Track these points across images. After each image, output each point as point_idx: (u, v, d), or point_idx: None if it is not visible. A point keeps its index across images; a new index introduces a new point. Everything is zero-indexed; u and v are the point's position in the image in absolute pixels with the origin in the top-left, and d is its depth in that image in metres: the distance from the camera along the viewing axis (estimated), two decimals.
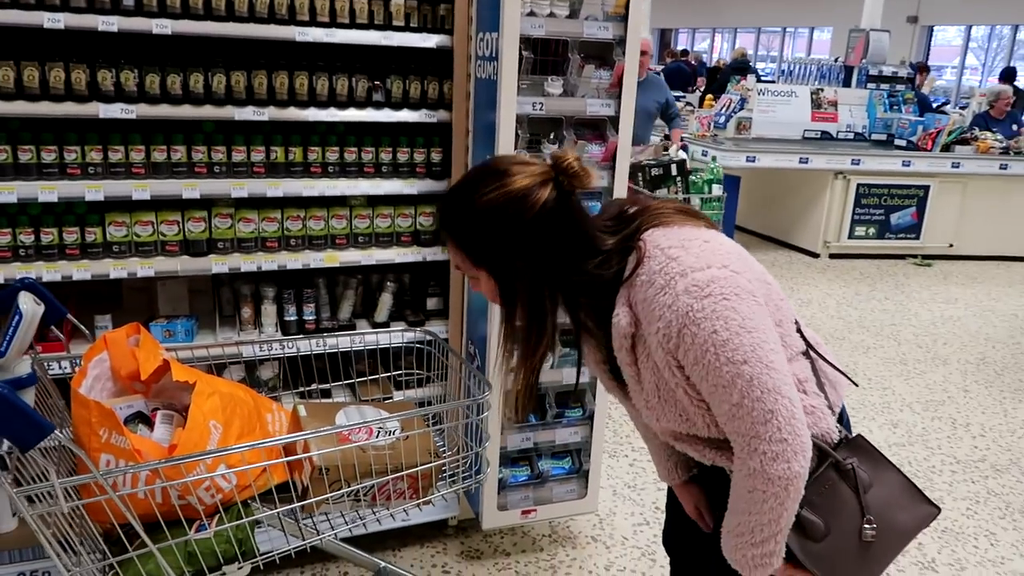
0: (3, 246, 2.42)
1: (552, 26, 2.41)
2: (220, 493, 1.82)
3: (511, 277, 1.36)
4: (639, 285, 1.31)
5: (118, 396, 2.00)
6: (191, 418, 1.80)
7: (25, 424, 1.45)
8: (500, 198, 1.31)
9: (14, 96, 2.32)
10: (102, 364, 1.99)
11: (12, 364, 1.74)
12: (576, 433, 2.85)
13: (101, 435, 1.73)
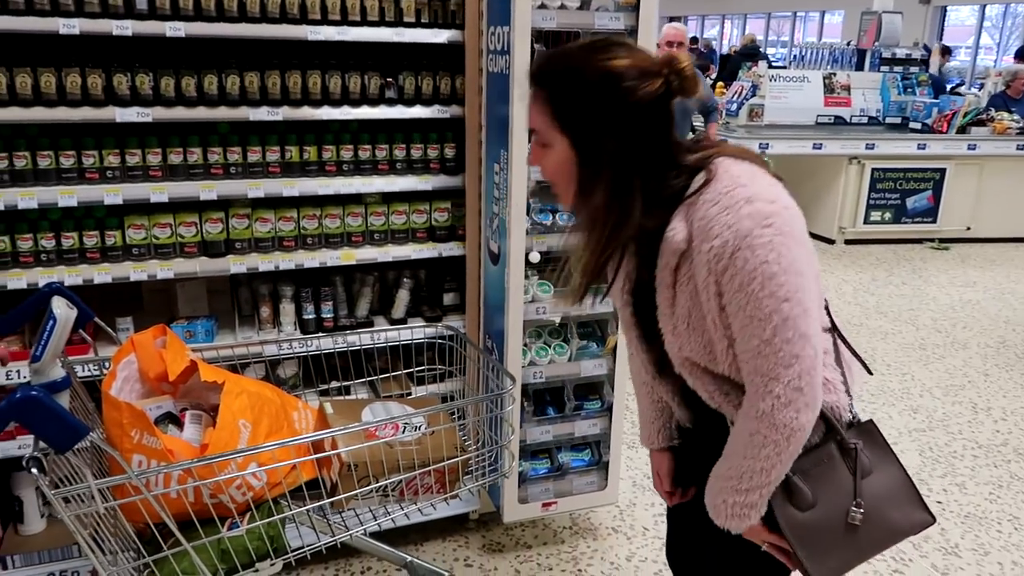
0: (25, 251, 2.45)
1: (563, 18, 2.40)
2: (251, 491, 1.84)
3: (595, 152, 1.32)
4: (702, 203, 1.28)
5: (147, 397, 2.03)
6: (221, 417, 1.82)
7: (61, 427, 1.47)
8: (618, 68, 1.27)
9: (32, 103, 2.35)
10: (130, 366, 2.02)
11: (47, 368, 1.76)
12: (595, 425, 2.85)
13: (133, 436, 1.75)
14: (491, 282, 2.75)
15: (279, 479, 1.91)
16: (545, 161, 1.39)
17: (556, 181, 1.40)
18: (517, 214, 2.48)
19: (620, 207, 1.34)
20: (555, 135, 1.34)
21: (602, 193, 1.34)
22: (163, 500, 1.71)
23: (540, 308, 2.65)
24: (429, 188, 2.79)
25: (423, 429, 2.09)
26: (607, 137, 1.30)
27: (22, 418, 1.46)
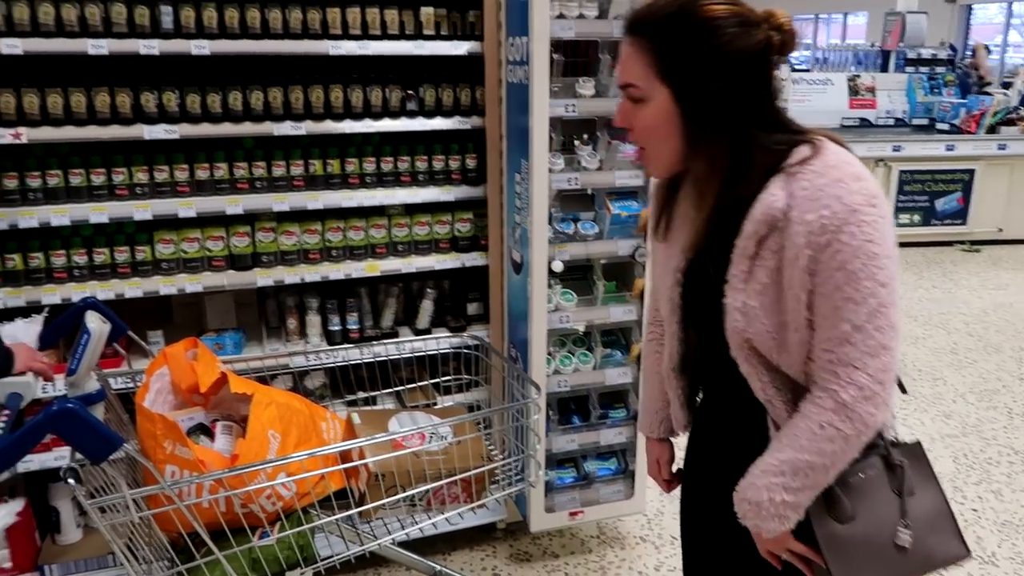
0: (58, 267, 2.51)
1: (582, 27, 2.41)
2: (281, 501, 1.86)
3: (704, 102, 1.24)
4: (808, 173, 1.20)
5: (179, 409, 2.06)
6: (251, 429, 1.85)
7: (97, 438, 1.51)
8: (727, 14, 1.21)
9: (63, 122, 2.40)
10: (163, 378, 2.05)
11: (82, 381, 1.80)
12: (621, 434, 2.84)
13: (166, 447, 1.78)
14: (514, 291, 2.76)
15: (308, 489, 1.93)
16: (638, 118, 1.29)
17: (649, 140, 1.30)
18: (539, 223, 2.49)
19: (738, 161, 1.25)
20: (655, 86, 1.25)
21: (717, 146, 1.26)
22: (195, 510, 1.74)
23: (564, 317, 2.64)
24: (451, 199, 2.80)
25: (449, 439, 2.10)
26: (716, 85, 1.22)
27: (59, 430, 1.49)
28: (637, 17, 1.28)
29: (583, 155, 2.55)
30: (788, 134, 1.28)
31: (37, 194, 2.45)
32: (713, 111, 1.24)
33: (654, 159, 1.34)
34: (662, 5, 1.26)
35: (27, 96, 2.35)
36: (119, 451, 1.53)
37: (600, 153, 2.56)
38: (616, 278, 2.76)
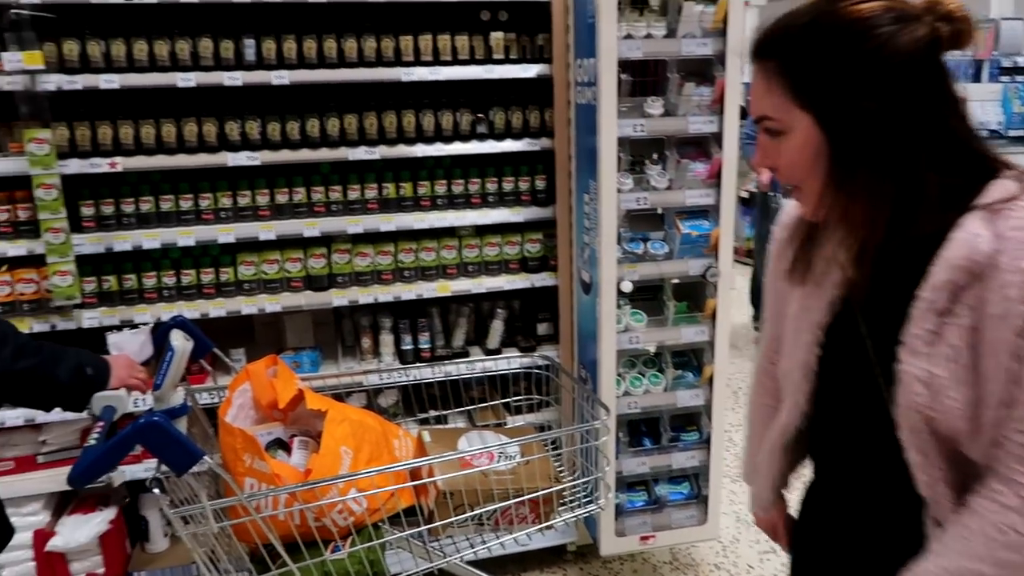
0: (149, 288, 2.65)
1: (649, 47, 2.40)
2: (352, 516, 1.90)
3: (851, 126, 1.01)
4: (1018, 211, 0.97)
5: (259, 423, 2.14)
6: (324, 444, 1.90)
7: (180, 450, 1.57)
8: (867, 12, 0.99)
9: (155, 151, 2.55)
10: (245, 394, 2.14)
11: (167, 396, 1.89)
12: (693, 457, 2.78)
13: (245, 460, 1.85)
14: (584, 312, 2.75)
15: (379, 505, 1.96)
16: (780, 154, 1.08)
17: (799, 178, 1.09)
18: (607, 243, 2.48)
19: (907, 195, 1.02)
20: (794, 115, 1.04)
21: (878, 178, 1.02)
22: (271, 522, 1.80)
23: (633, 337, 2.62)
24: (521, 220, 2.83)
25: (517, 459, 2.10)
26: (865, 103, 1.00)
27: (145, 442, 1.56)
28: (763, 37, 1.07)
29: (652, 175, 2.54)
30: (976, 158, 1.04)
31: (131, 219, 2.60)
32: (868, 134, 1.01)
33: (808, 198, 1.10)
34: (793, 16, 1.06)
35: (123, 127, 2.51)
36: (200, 464, 1.60)
37: (670, 172, 2.54)
38: (687, 298, 2.72)
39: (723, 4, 2.39)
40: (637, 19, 2.43)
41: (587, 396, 2.30)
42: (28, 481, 2.63)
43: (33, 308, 2.53)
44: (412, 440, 2.25)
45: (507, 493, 2.03)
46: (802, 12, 1.05)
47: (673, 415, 2.77)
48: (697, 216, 2.58)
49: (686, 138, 2.55)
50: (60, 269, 2.46)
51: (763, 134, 1.10)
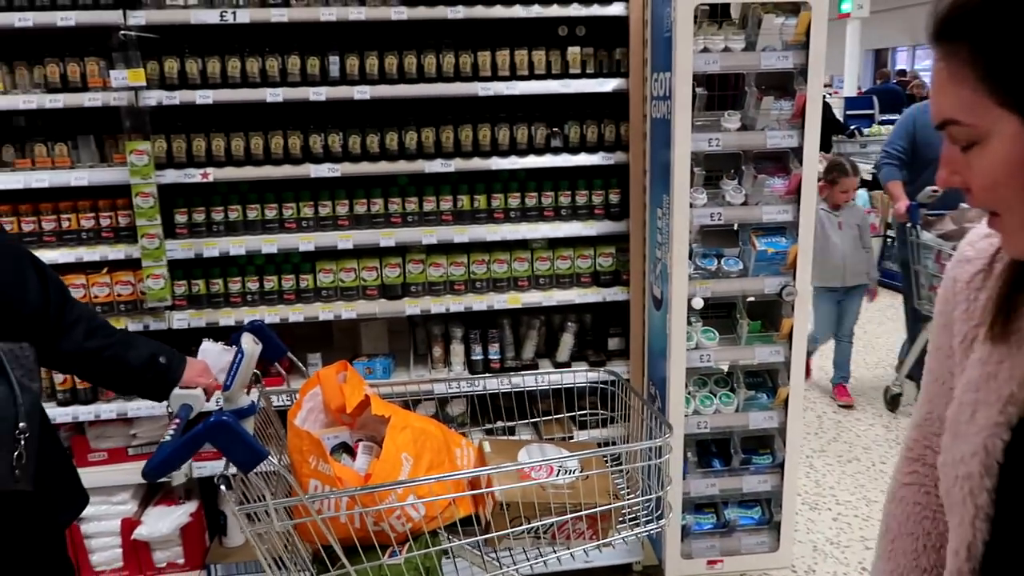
0: (234, 292, 2.77)
1: (727, 60, 2.37)
2: (410, 522, 1.93)
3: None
4: None
5: (329, 427, 2.20)
6: (385, 450, 1.94)
7: (246, 449, 1.63)
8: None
9: (244, 162, 2.68)
10: (315, 398, 2.21)
11: (236, 396, 1.97)
12: (765, 482, 2.69)
13: (310, 462, 1.91)
14: (654, 328, 2.72)
15: (436, 512, 1.99)
16: (973, 171, 0.79)
17: (1000, 201, 0.79)
18: (679, 259, 2.45)
19: None
20: (994, 116, 0.75)
21: None
22: (330, 524, 1.84)
23: (704, 355, 2.57)
24: (593, 233, 2.82)
25: (577, 473, 2.09)
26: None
27: (214, 440, 1.63)
28: (948, 11, 0.77)
29: (728, 190, 2.49)
30: None
31: (219, 227, 2.73)
32: None
33: (1012, 229, 0.80)
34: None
35: (215, 140, 2.65)
36: (268, 464, 1.66)
37: (746, 188, 2.48)
38: (762, 317, 2.65)
39: (806, 16, 2.33)
40: (715, 32, 2.40)
41: (652, 413, 2.27)
42: (119, 472, 2.79)
43: (128, 309, 2.69)
44: (474, 450, 2.26)
45: (564, 507, 2.02)
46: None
47: (745, 437, 2.70)
48: (774, 233, 2.51)
49: (764, 153, 2.49)
50: (154, 272, 2.62)
51: (948, 144, 0.81)
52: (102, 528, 2.83)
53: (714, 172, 2.57)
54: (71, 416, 2.69)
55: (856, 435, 4.31)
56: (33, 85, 2.58)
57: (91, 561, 2.85)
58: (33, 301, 1.67)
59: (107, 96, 2.51)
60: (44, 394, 2.73)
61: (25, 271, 1.69)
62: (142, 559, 2.86)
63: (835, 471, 3.90)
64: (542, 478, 2.04)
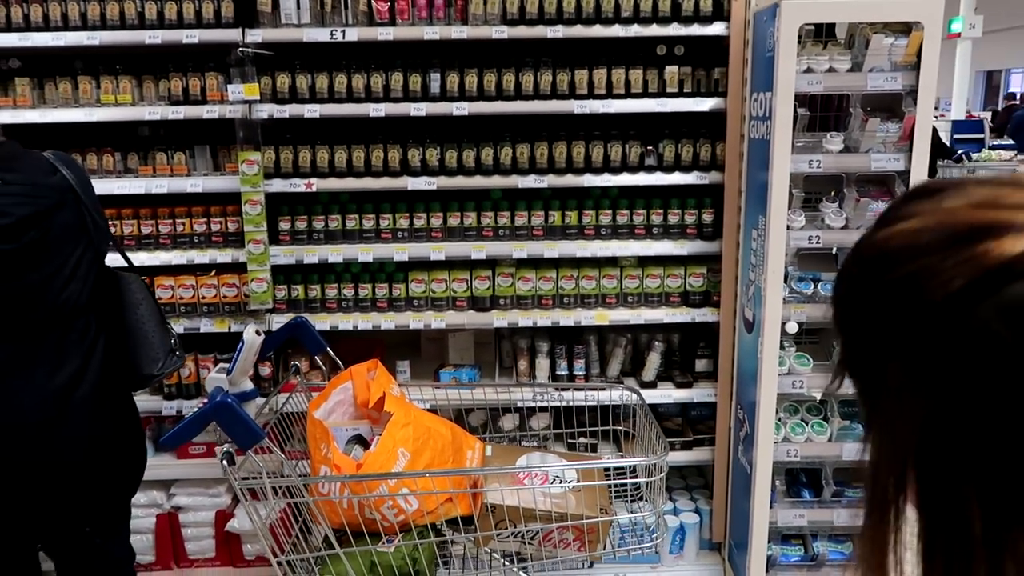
0: (330, 298, 2.88)
1: (831, 81, 2.31)
2: (402, 514, 2.01)
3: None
4: None
5: (356, 420, 2.31)
6: (380, 443, 2.03)
7: (244, 429, 1.81)
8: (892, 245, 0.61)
9: (345, 174, 2.78)
10: (346, 392, 2.33)
11: (239, 381, 2.16)
12: (859, 516, 2.58)
13: (321, 449, 2.05)
14: (745, 351, 2.66)
15: (432, 507, 2.05)
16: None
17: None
18: (773, 281, 2.40)
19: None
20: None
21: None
22: (324, 507, 1.99)
23: (797, 382, 2.50)
24: (684, 253, 2.79)
25: (571, 484, 2.13)
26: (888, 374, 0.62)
27: (216, 419, 1.81)
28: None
29: (827, 213, 2.43)
30: None
31: (319, 235, 2.84)
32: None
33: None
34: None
35: (320, 152, 2.77)
36: (261, 444, 1.81)
37: (847, 211, 2.42)
38: None
39: (917, 37, 2.26)
40: (820, 52, 2.35)
41: (655, 433, 2.22)
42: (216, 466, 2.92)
43: (232, 310, 2.83)
44: (484, 454, 2.31)
45: (549, 516, 2.05)
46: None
47: (837, 468, 2.60)
48: None
49: (867, 176, 2.42)
50: (258, 276, 2.75)
51: None
52: (199, 519, 2.97)
53: (813, 194, 2.51)
54: (175, 409, 2.85)
55: None
56: (158, 98, 2.76)
57: (187, 549, 2.99)
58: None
59: (223, 109, 2.66)
60: (152, 388, 2.91)
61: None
62: (233, 550, 2.99)
63: None
64: (536, 486, 2.10)
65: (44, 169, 1.85)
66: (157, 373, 2.02)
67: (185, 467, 2.94)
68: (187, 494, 2.97)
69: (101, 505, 2.03)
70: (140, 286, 2.05)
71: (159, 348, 2.02)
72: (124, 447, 2.03)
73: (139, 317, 2.00)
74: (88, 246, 1.90)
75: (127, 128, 2.90)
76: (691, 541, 2.95)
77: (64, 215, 1.84)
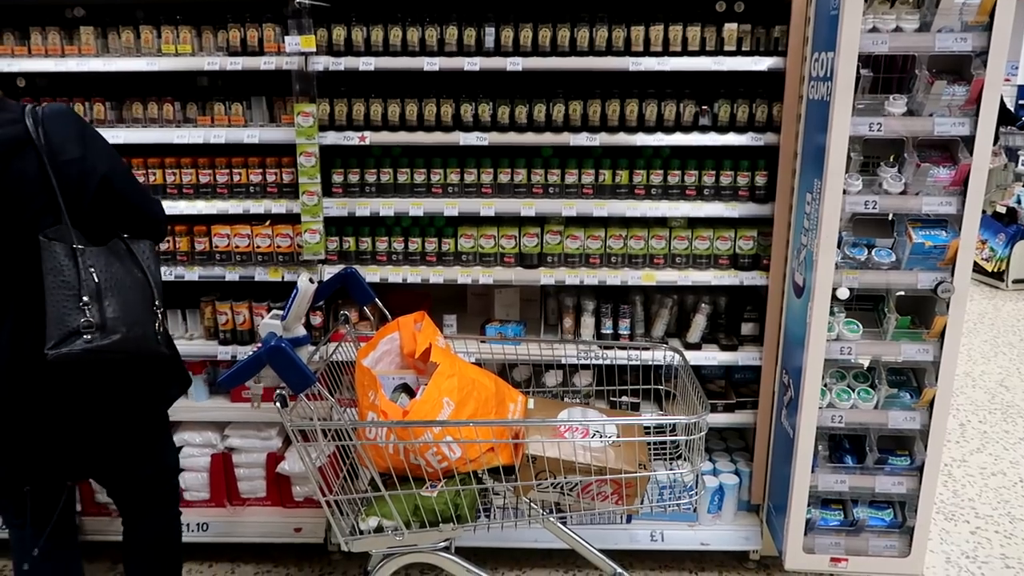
0: (380, 251, 2.92)
1: (897, 41, 2.25)
2: (445, 460, 2.08)
3: None
4: None
5: (402, 369, 2.39)
6: (427, 392, 2.10)
7: (297, 373, 1.87)
8: None
9: (398, 128, 2.81)
10: (393, 342, 2.40)
11: (292, 326, 2.20)
12: (900, 484, 2.58)
13: (369, 396, 2.12)
14: (793, 316, 2.64)
15: (475, 456, 2.11)
16: None
17: None
18: (827, 246, 2.37)
19: None
20: None
21: None
22: (370, 451, 2.06)
23: (845, 348, 2.48)
24: (735, 215, 2.77)
25: (611, 439, 2.18)
26: None
27: (271, 362, 1.87)
28: None
29: (886, 177, 2.37)
30: None
31: (371, 188, 2.88)
32: None
33: None
34: None
35: (373, 105, 2.79)
36: (312, 388, 1.88)
37: (906, 176, 2.36)
38: (912, 313, 2.52)
39: None
40: (887, 11, 2.28)
41: (696, 392, 2.24)
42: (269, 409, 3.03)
43: (286, 260, 2.90)
44: (526, 407, 2.37)
45: (589, 469, 2.10)
46: None
47: (882, 436, 2.59)
48: (934, 225, 2.38)
49: (929, 141, 2.36)
50: (311, 227, 2.80)
51: None
52: (251, 460, 3.08)
53: (871, 158, 2.46)
54: (230, 355, 2.94)
55: (1004, 448, 4.03)
56: (217, 48, 2.80)
57: (239, 488, 3.11)
58: (158, 212, 2.16)
59: (280, 60, 2.69)
60: (207, 333, 3.00)
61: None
62: (283, 491, 3.10)
63: (976, 483, 3.67)
64: (577, 439, 2.16)
65: (3, 120, 1.82)
66: (47, 352, 1.78)
67: (239, 410, 3.05)
68: (240, 436, 3.08)
69: (103, 455, 2.10)
70: (63, 253, 1.82)
71: (55, 326, 1.78)
72: (94, 407, 2.00)
73: (46, 287, 1.80)
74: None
75: (187, 78, 2.95)
76: (729, 502, 2.98)
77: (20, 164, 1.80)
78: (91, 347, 1.81)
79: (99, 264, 1.86)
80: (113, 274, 1.89)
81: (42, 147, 1.82)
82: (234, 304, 2.93)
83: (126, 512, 2.31)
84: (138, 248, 2.02)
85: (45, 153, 1.82)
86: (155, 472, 2.27)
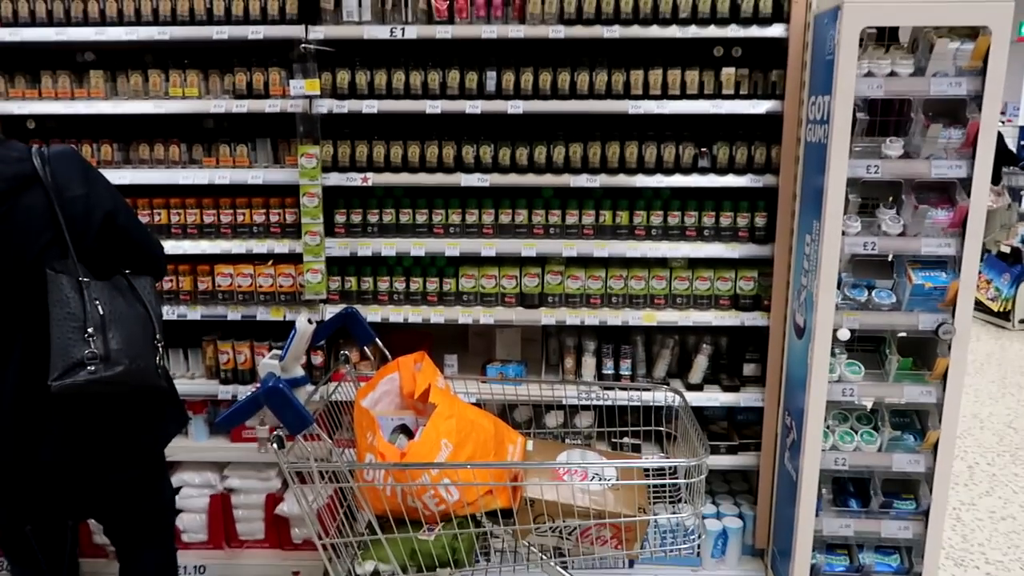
0: (382, 291, 2.93)
1: (892, 85, 2.28)
2: (443, 504, 2.05)
3: None
4: None
5: (401, 410, 2.36)
6: (424, 434, 2.08)
7: (295, 414, 1.83)
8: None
9: (400, 169, 2.84)
10: (392, 382, 2.38)
11: (290, 367, 2.19)
12: (906, 528, 2.54)
13: (367, 437, 2.10)
14: (794, 357, 2.64)
15: (472, 498, 2.07)
16: None
17: None
18: (827, 287, 2.37)
19: None
20: None
21: None
22: (367, 493, 2.03)
23: (847, 389, 2.47)
24: (736, 256, 2.78)
25: (610, 482, 2.14)
26: None
27: (268, 403, 1.84)
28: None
29: (884, 219, 2.39)
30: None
31: (374, 228, 2.90)
32: None
33: None
34: None
35: (376, 147, 2.82)
36: (309, 429, 1.84)
37: (904, 218, 2.37)
38: (913, 354, 2.51)
39: (984, 41, 2.20)
40: (882, 56, 2.31)
41: (696, 434, 2.21)
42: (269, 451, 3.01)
43: (288, 299, 2.91)
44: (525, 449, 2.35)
45: (587, 513, 2.07)
46: None
47: (886, 479, 2.56)
48: (933, 267, 2.38)
49: (926, 183, 2.37)
50: (313, 267, 2.82)
51: None
52: (251, 501, 3.06)
53: (869, 200, 2.47)
54: (231, 394, 2.94)
55: (1013, 491, 3.97)
56: (223, 91, 2.85)
57: (238, 530, 3.08)
58: (159, 250, 2.16)
59: (285, 103, 2.74)
60: (209, 372, 3.00)
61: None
62: (282, 533, 3.07)
63: (986, 527, 3.61)
64: (575, 482, 2.12)
65: (11, 158, 1.85)
66: (51, 383, 1.78)
67: (238, 450, 3.04)
68: (240, 476, 3.06)
69: (100, 495, 2.09)
70: (69, 286, 1.84)
71: (59, 357, 1.79)
72: (94, 445, 1.98)
73: (52, 319, 1.82)
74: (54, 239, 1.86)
75: (193, 120, 3.00)
76: (733, 546, 2.94)
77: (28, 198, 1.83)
78: (95, 378, 1.82)
79: (103, 297, 1.89)
80: (116, 308, 1.91)
81: (49, 184, 1.86)
82: (236, 343, 2.94)
83: (122, 550, 2.29)
84: (139, 284, 2.05)
85: (52, 190, 1.86)
86: (152, 509, 2.26)
